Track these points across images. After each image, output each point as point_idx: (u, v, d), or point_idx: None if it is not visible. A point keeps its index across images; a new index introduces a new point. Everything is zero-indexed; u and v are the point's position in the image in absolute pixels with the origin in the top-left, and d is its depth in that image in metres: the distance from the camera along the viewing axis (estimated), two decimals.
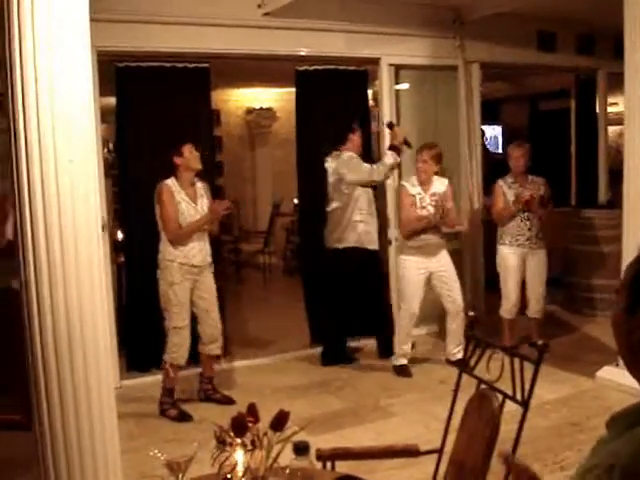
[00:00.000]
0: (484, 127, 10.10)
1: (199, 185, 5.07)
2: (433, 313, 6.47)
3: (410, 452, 2.70)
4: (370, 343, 6.37)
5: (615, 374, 5.13)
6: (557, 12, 6.81)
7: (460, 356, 5.77)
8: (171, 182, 4.92)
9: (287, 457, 2.03)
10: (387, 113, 6.54)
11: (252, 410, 2.02)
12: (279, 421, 2.01)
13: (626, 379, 4.97)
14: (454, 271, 5.79)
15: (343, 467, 2.70)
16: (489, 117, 10.15)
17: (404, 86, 6.79)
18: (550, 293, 7.14)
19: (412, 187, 5.66)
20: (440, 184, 5.72)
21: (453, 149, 6.89)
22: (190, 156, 4.93)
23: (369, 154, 6.48)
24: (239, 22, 5.76)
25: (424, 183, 5.67)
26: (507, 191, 5.97)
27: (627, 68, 4.96)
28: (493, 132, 10.98)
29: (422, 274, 5.67)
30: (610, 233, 6.32)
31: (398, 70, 6.66)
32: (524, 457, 2.28)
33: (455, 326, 5.80)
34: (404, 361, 5.81)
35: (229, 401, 5.16)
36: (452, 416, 2.66)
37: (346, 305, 6.07)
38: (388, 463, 3.73)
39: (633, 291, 1.42)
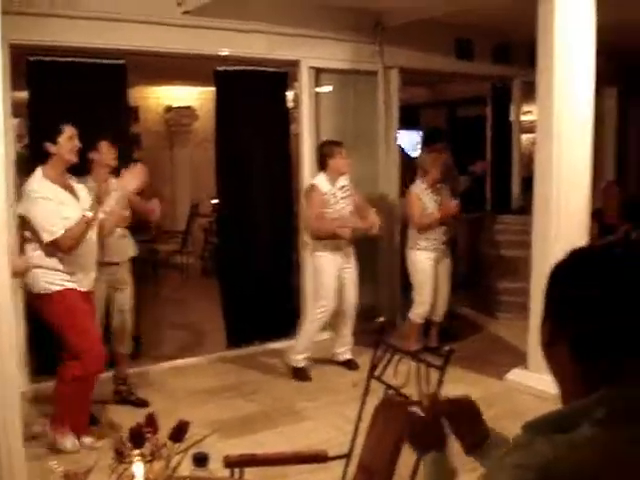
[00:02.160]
0: (403, 132, 10.27)
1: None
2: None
3: (318, 458, 2.70)
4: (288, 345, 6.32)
5: (524, 376, 5.26)
6: (475, 22, 6.95)
7: (348, 357, 5.85)
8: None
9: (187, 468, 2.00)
10: (307, 115, 6.54)
11: (151, 420, 1.97)
12: (179, 431, 1.97)
13: (534, 381, 5.14)
14: (356, 272, 5.85)
15: (252, 473, 2.68)
16: (408, 122, 10.28)
17: (325, 89, 6.80)
18: (463, 296, 7.32)
19: (324, 185, 5.65)
20: (343, 179, 5.74)
21: (372, 153, 6.95)
22: (107, 152, 4.79)
23: (288, 156, 6.48)
24: (158, 19, 5.64)
25: (335, 179, 5.68)
26: (424, 198, 6.04)
27: (539, 77, 5.09)
28: (412, 137, 11.08)
29: (336, 269, 5.70)
30: (522, 238, 6.45)
31: (318, 73, 6.66)
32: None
33: (345, 326, 5.87)
34: (304, 363, 5.78)
35: (143, 403, 5.07)
36: (360, 421, 2.66)
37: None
38: (299, 467, 3.72)
39: (545, 297, 1.44)
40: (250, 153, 6.31)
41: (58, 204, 4.16)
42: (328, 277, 5.69)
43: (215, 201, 7.80)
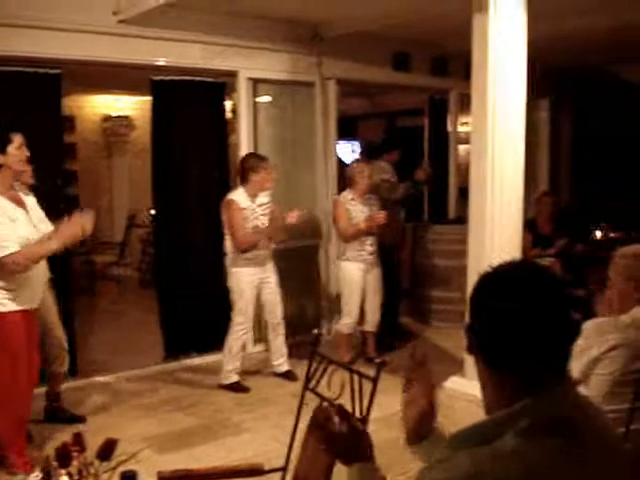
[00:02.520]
0: (342, 142, 10.33)
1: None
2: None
3: (254, 472, 2.68)
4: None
5: (461, 384, 5.33)
6: (412, 34, 7.05)
7: (286, 368, 5.85)
8: None
9: None
10: (245, 126, 6.53)
11: (78, 439, 1.94)
12: (106, 449, 1.94)
13: (471, 388, 5.19)
14: (277, 282, 5.83)
15: None
16: (347, 133, 10.35)
17: (263, 99, 6.80)
18: (401, 305, 7.38)
19: (243, 201, 5.57)
20: (263, 195, 5.70)
21: (310, 163, 6.98)
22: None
23: (226, 166, 6.46)
24: (94, 28, 5.57)
25: (255, 195, 5.62)
26: (351, 208, 6.07)
27: (474, 89, 5.18)
28: (351, 148, 11.15)
29: (255, 284, 5.66)
30: (458, 248, 6.55)
31: (256, 84, 6.66)
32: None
33: (277, 337, 5.86)
34: (236, 377, 5.74)
35: (77, 420, 4.96)
36: (296, 433, 2.66)
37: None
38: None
39: (469, 312, 1.48)
40: (187, 163, 6.27)
41: (10, 222, 3.91)
42: (244, 293, 5.62)
43: (153, 212, 7.71)
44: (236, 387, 5.70)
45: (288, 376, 5.83)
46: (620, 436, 1.67)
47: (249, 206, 5.56)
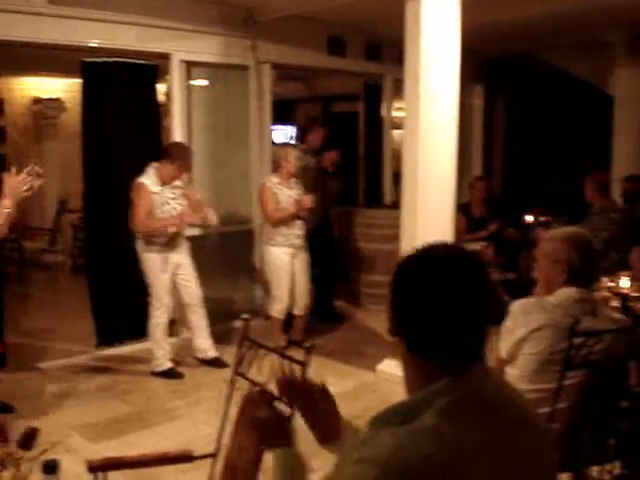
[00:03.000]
0: (279, 126, 10.30)
1: None
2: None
3: (184, 458, 2.66)
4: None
5: (393, 367, 5.38)
6: (346, 19, 7.06)
7: (213, 354, 5.81)
8: None
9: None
10: (178, 109, 6.45)
11: (1, 429, 1.88)
12: (27, 439, 1.89)
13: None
14: (192, 264, 5.77)
15: (127, 475, 2.63)
16: (283, 117, 10.32)
17: (197, 82, 6.72)
18: (337, 289, 7.42)
19: (152, 185, 5.48)
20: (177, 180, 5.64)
21: (244, 147, 6.93)
22: None
23: (159, 150, 6.36)
24: (24, 9, 5.40)
25: (167, 182, 5.54)
26: (277, 192, 6.05)
27: (407, 75, 5.21)
28: (287, 131, 11.11)
29: (167, 268, 5.60)
30: (393, 232, 6.61)
31: (190, 66, 6.57)
32: (304, 453, 2.33)
33: (198, 322, 5.81)
34: (169, 364, 5.69)
35: (7, 409, 4.83)
36: (227, 419, 2.64)
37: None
38: (174, 466, 3.67)
39: (390, 296, 1.49)
40: (119, 147, 6.15)
41: None
42: (157, 278, 5.57)
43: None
44: (169, 374, 5.65)
45: (216, 363, 5.78)
46: (538, 415, 1.71)
47: (159, 190, 5.48)
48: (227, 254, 6.82)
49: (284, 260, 6.06)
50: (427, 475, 1.28)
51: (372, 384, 5.44)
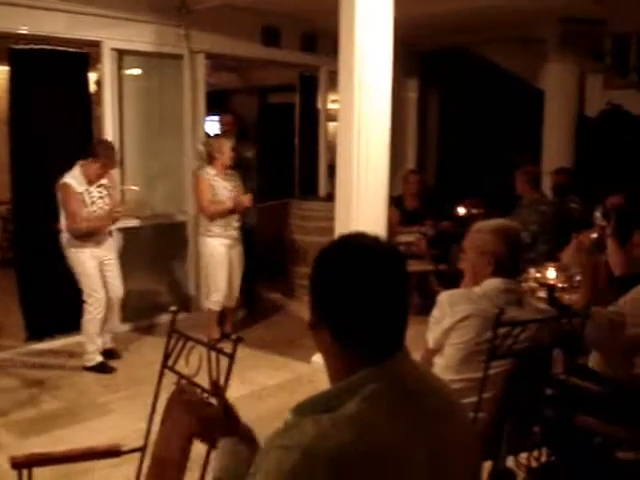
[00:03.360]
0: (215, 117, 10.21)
1: None
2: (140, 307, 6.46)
3: (112, 453, 2.63)
4: None
5: None
6: (282, 9, 7.03)
7: (109, 346, 5.79)
8: None
9: None
10: (109, 99, 6.34)
11: None
12: None
13: None
14: (117, 261, 5.75)
15: (55, 470, 2.59)
16: (219, 108, 10.23)
17: (129, 72, 6.61)
18: (273, 281, 7.41)
19: (78, 185, 5.40)
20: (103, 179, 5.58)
21: (178, 138, 6.85)
22: None
23: (89, 140, 6.24)
24: None
25: (92, 181, 5.46)
26: (214, 184, 6.01)
27: (341, 67, 5.22)
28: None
29: (95, 263, 5.54)
30: (327, 224, 6.63)
31: (122, 55, 6.46)
32: None
33: (111, 317, 5.75)
34: (100, 358, 5.61)
35: None
36: (155, 412, 2.62)
37: None
38: (105, 461, 3.63)
39: (310, 287, 1.50)
40: (48, 137, 6.00)
41: None
42: (86, 273, 5.50)
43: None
44: (101, 368, 5.57)
45: (111, 354, 5.75)
46: (461, 405, 1.73)
47: (85, 190, 5.41)
48: (160, 246, 6.75)
49: (221, 251, 6.03)
50: (350, 462, 1.29)
51: (308, 375, 5.45)
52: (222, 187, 6.00)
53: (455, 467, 1.48)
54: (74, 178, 5.38)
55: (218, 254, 6.03)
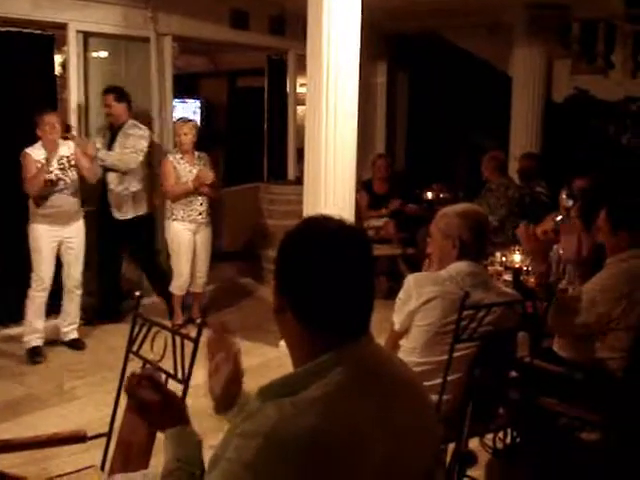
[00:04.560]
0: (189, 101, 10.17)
1: None
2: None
3: (76, 439, 2.62)
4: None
5: None
6: None
7: (74, 336, 5.69)
8: None
9: None
10: (75, 82, 6.25)
11: None
12: None
13: None
14: (82, 243, 5.63)
15: (21, 457, 2.57)
16: (188, 91, 10.16)
17: (95, 54, 6.52)
18: (241, 266, 7.38)
19: (37, 153, 5.32)
20: (67, 148, 5.47)
21: (144, 123, 6.76)
22: None
23: None
24: None
25: (52, 150, 5.35)
26: (178, 167, 5.97)
27: (309, 51, 5.20)
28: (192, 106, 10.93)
29: (53, 243, 5.42)
30: (297, 208, 6.62)
31: (88, 37, 6.36)
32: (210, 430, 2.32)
33: (70, 302, 5.65)
34: (36, 343, 5.46)
35: None
36: (120, 397, 2.61)
37: None
38: (72, 447, 3.61)
39: (276, 273, 1.49)
40: (12, 119, 5.88)
41: None
42: (37, 251, 5.38)
43: None
44: (30, 355, 5.41)
45: (75, 345, 5.67)
46: (424, 388, 1.75)
47: (42, 159, 5.31)
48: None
49: (184, 235, 5.99)
50: (313, 445, 1.29)
51: (276, 360, 5.45)
52: (187, 170, 5.95)
53: (416, 450, 1.49)
54: (33, 148, 5.34)
55: (181, 238, 5.99)
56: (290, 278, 1.47)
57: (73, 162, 5.42)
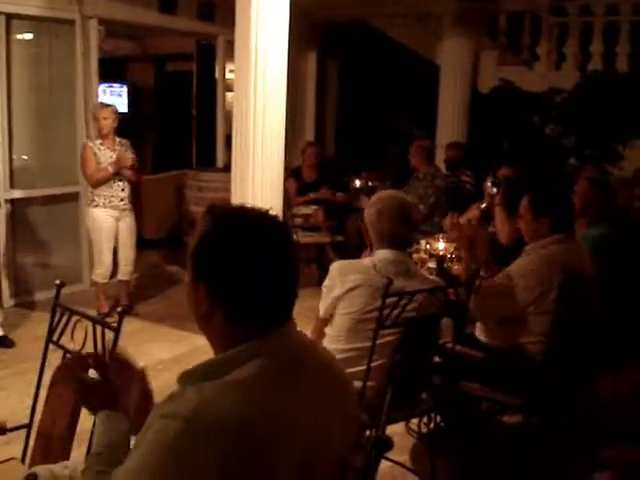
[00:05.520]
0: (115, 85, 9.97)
1: None
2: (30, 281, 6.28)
3: None
4: None
5: None
6: None
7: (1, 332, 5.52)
8: None
9: None
10: None
11: None
12: None
13: None
14: (3, 234, 5.56)
15: None
16: (115, 76, 9.96)
17: (18, 37, 6.32)
18: (166, 253, 7.30)
19: None
20: None
21: (69, 107, 6.63)
22: None
23: None
24: None
25: None
26: (98, 152, 5.84)
27: (237, 37, 5.16)
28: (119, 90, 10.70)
29: None
30: (225, 195, 6.58)
31: (10, 19, 6.16)
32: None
33: None
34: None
35: None
36: (41, 388, 2.57)
37: None
38: None
39: (195, 264, 1.48)
40: None
41: None
42: None
43: None
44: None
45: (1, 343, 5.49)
46: (346, 374, 1.77)
47: None
48: (51, 218, 6.53)
49: (105, 222, 5.86)
50: (232, 428, 1.30)
51: (205, 347, 5.37)
52: (107, 156, 5.82)
53: (335, 436, 1.52)
54: None
55: (101, 226, 5.86)
56: (210, 268, 1.47)
57: None
